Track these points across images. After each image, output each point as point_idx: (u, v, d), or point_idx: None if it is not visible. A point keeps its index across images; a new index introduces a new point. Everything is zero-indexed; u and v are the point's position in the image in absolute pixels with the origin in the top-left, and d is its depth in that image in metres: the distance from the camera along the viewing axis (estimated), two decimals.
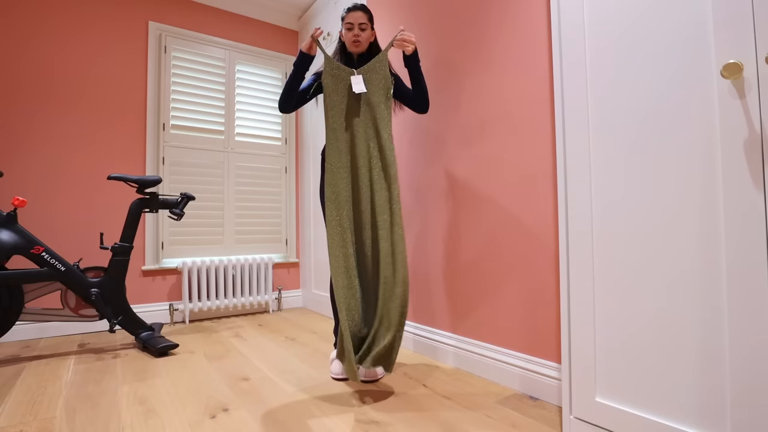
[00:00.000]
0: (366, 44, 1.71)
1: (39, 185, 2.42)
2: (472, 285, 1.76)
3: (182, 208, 2.22)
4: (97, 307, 2.03)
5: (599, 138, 1.11)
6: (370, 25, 1.71)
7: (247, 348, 2.14)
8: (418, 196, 2.07)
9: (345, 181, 1.61)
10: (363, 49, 1.71)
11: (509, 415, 1.33)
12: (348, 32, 1.69)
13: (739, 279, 0.84)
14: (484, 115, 1.71)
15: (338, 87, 1.62)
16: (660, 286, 0.98)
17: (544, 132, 1.48)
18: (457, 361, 1.79)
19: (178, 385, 1.62)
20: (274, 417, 1.33)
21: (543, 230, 1.48)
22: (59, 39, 2.50)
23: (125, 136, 2.68)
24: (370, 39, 1.73)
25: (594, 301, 1.11)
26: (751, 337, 0.83)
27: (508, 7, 1.61)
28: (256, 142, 3.17)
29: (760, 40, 0.82)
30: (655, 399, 0.98)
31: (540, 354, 1.48)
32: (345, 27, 1.70)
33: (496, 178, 1.66)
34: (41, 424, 1.29)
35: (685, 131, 0.94)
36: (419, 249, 2.06)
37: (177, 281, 2.82)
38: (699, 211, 0.91)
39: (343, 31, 1.72)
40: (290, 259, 3.29)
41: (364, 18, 1.68)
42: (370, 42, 1.75)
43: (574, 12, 1.17)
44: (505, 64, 1.62)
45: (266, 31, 3.28)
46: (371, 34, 1.73)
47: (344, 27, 1.70)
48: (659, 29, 0.99)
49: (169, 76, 2.82)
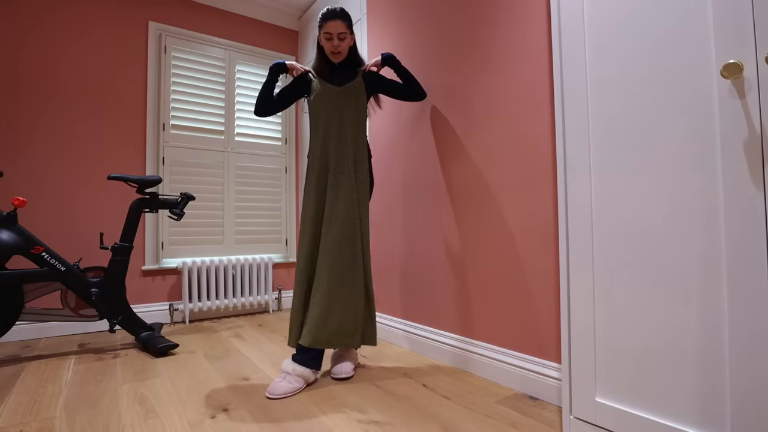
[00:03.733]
0: (346, 53, 1.72)
1: (39, 185, 2.42)
2: (472, 284, 1.76)
3: (182, 208, 2.22)
4: (97, 307, 2.03)
5: (599, 138, 1.11)
6: (350, 31, 1.69)
7: (247, 348, 2.14)
8: (416, 194, 2.07)
9: None
10: (343, 58, 1.73)
11: (509, 415, 1.33)
12: (327, 42, 1.68)
13: (740, 278, 0.84)
14: (484, 113, 1.71)
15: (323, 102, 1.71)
16: (660, 285, 0.98)
17: (543, 130, 1.48)
18: (456, 361, 1.79)
19: (178, 385, 1.62)
20: (274, 417, 1.33)
21: (543, 229, 1.48)
22: (59, 39, 2.50)
23: (125, 136, 2.68)
24: (351, 44, 1.74)
25: (594, 301, 1.11)
26: (751, 336, 0.83)
27: (509, 8, 1.61)
28: (256, 142, 3.17)
29: (760, 40, 0.82)
30: (655, 399, 0.98)
31: (540, 354, 1.48)
32: (323, 36, 1.68)
33: (495, 175, 1.66)
34: (41, 424, 1.29)
35: (685, 131, 0.94)
36: (417, 248, 2.06)
37: (177, 281, 2.82)
38: (699, 211, 0.91)
39: (321, 37, 1.70)
40: (290, 259, 3.29)
41: (343, 26, 1.65)
42: (350, 46, 1.75)
43: (573, 12, 1.17)
44: (504, 63, 1.62)
45: (266, 31, 3.28)
46: (351, 39, 1.73)
47: (323, 35, 1.68)
48: (659, 29, 0.99)
49: (169, 76, 2.82)
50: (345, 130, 1.69)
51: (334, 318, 1.58)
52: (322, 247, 1.64)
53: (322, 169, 1.69)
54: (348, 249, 1.63)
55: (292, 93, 1.80)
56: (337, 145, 1.68)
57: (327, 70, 1.75)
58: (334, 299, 1.59)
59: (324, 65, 1.76)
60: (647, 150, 1.01)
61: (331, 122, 1.69)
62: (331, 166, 1.68)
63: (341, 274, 1.61)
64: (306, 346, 1.56)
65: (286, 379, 1.52)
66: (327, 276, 1.60)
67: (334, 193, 1.66)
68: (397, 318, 2.20)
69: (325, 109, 1.69)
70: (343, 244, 1.63)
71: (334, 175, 1.67)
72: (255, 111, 1.79)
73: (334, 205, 1.65)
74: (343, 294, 1.60)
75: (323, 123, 1.70)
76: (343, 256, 1.62)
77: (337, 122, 1.69)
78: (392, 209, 2.24)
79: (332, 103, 1.69)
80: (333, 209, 1.65)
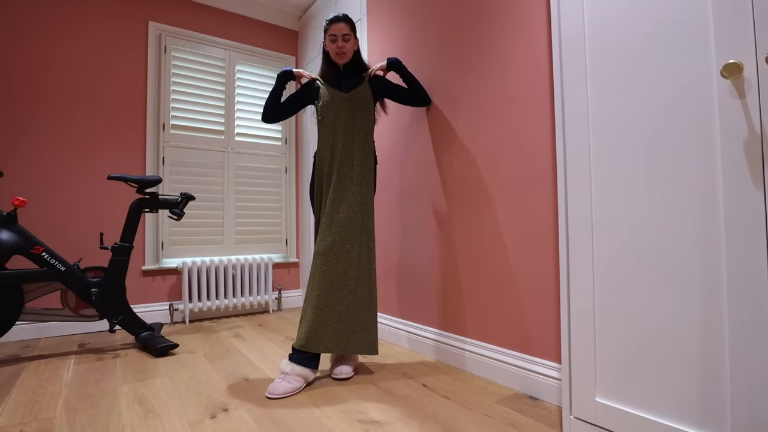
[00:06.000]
0: (350, 54, 1.77)
1: (39, 185, 2.42)
2: (472, 284, 1.76)
3: (182, 208, 2.22)
4: (97, 307, 2.03)
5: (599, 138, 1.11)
6: (353, 34, 1.76)
7: (247, 348, 2.14)
8: (416, 195, 2.07)
9: None
10: (348, 59, 1.77)
11: (509, 415, 1.33)
12: (332, 44, 1.74)
13: (740, 278, 0.84)
14: (484, 114, 1.71)
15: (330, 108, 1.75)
16: (660, 285, 0.98)
17: (544, 130, 1.48)
18: (456, 361, 1.79)
19: (178, 385, 1.62)
20: (274, 417, 1.33)
21: (543, 229, 1.48)
22: (59, 39, 2.50)
23: (125, 136, 2.68)
24: (355, 48, 1.79)
25: (594, 301, 1.11)
26: (751, 336, 0.83)
27: (508, 8, 1.61)
28: (256, 142, 3.17)
29: (760, 40, 0.82)
30: (655, 399, 0.98)
31: (540, 354, 1.48)
32: (329, 38, 1.75)
33: (495, 175, 1.66)
34: (41, 424, 1.29)
35: (684, 131, 0.94)
36: (417, 248, 2.06)
37: (177, 281, 2.82)
38: (699, 211, 0.91)
39: (326, 41, 1.76)
40: (290, 259, 3.29)
41: (347, 29, 1.73)
42: (354, 50, 1.80)
43: (573, 12, 1.17)
44: (504, 63, 1.62)
45: (266, 31, 3.28)
46: (355, 43, 1.78)
47: (328, 38, 1.75)
48: (659, 29, 0.99)
49: (169, 76, 2.82)
50: (352, 136, 1.73)
51: (328, 322, 1.60)
52: (323, 249, 1.64)
53: (328, 173, 1.72)
54: (347, 253, 1.64)
55: (299, 100, 1.85)
56: (343, 149, 1.71)
57: (333, 76, 1.80)
58: (330, 303, 1.60)
59: (331, 70, 1.81)
60: (647, 150, 1.01)
61: (338, 127, 1.73)
62: (336, 170, 1.70)
63: (338, 278, 1.62)
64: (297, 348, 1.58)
65: (286, 379, 1.53)
66: (325, 280, 1.62)
67: (338, 196, 1.68)
68: (396, 318, 2.20)
69: (332, 115, 1.74)
70: (343, 248, 1.64)
71: (339, 178, 1.70)
72: (262, 117, 1.84)
73: (336, 209, 1.67)
74: (338, 298, 1.62)
75: (331, 128, 1.74)
76: (341, 260, 1.63)
77: (344, 127, 1.72)
78: (392, 210, 2.24)
79: (340, 108, 1.73)
80: (335, 212, 1.67)
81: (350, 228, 1.66)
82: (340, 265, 1.63)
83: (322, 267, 1.63)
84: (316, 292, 1.60)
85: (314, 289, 1.62)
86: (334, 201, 1.68)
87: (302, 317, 1.64)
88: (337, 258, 1.63)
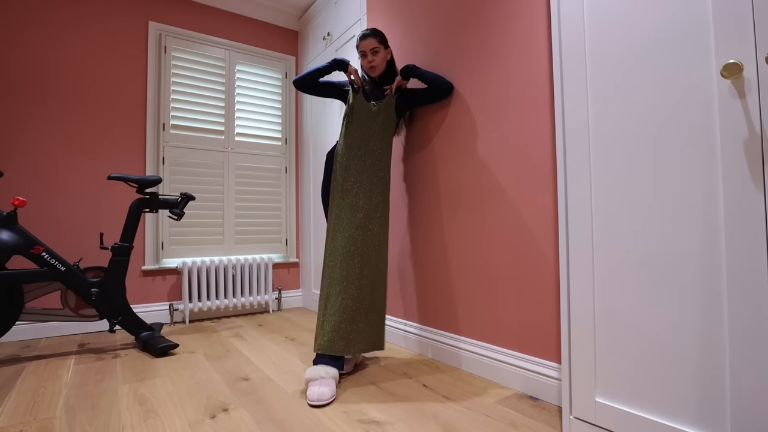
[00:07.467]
0: (383, 65, 1.85)
1: (39, 185, 2.42)
2: (472, 285, 1.76)
3: (182, 208, 2.22)
4: (97, 307, 2.03)
5: (599, 138, 1.11)
6: (383, 46, 1.83)
7: (247, 348, 2.14)
8: (416, 194, 2.07)
9: None
10: (380, 71, 1.86)
11: (509, 414, 1.33)
12: (363, 59, 1.84)
13: (739, 278, 0.84)
14: (485, 113, 1.71)
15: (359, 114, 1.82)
16: (660, 285, 0.98)
17: (544, 131, 1.48)
18: (457, 361, 1.79)
19: (178, 385, 1.62)
20: (274, 417, 1.33)
21: (543, 230, 1.48)
22: (59, 39, 2.50)
23: (125, 136, 2.68)
24: (387, 58, 1.86)
25: (594, 301, 1.11)
26: (751, 336, 0.83)
27: (508, 8, 1.61)
28: (256, 142, 3.17)
29: (760, 40, 0.82)
30: (655, 399, 0.98)
31: (540, 354, 1.48)
32: (360, 55, 1.84)
33: (495, 175, 1.66)
34: (41, 424, 1.29)
35: (684, 131, 0.94)
36: (417, 248, 2.06)
37: (177, 281, 2.82)
38: (699, 211, 0.91)
39: (360, 58, 1.86)
40: (290, 259, 3.29)
41: (375, 42, 1.81)
42: (387, 60, 1.87)
43: (573, 12, 1.17)
44: (505, 63, 1.62)
45: (266, 31, 3.28)
46: (386, 53, 1.86)
47: (360, 55, 1.85)
48: (659, 29, 0.99)
49: (169, 76, 2.82)
50: (370, 145, 1.78)
51: (349, 324, 1.62)
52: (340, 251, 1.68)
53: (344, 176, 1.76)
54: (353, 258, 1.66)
55: (333, 90, 1.94)
56: (362, 156, 1.76)
57: (370, 86, 1.90)
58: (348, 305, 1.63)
59: (368, 82, 1.91)
60: (647, 150, 1.01)
61: (356, 134, 1.79)
62: (353, 176, 1.75)
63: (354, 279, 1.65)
64: None
65: (324, 383, 1.48)
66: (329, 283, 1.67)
67: (352, 201, 1.72)
68: (397, 318, 2.20)
69: (354, 122, 1.81)
70: (351, 253, 1.66)
71: (355, 183, 1.74)
72: (294, 81, 1.91)
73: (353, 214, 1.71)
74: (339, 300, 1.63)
75: (351, 133, 1.80)
76: (355, 263, 1.66)
77: (364, 135, 1.78)
78: (392, 210, 2.24)
79: (362, 118, 1.80)
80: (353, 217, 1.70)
81: (358, 233, 1.68)
82: (355, 268, 1.65)
83: (339, 270, 1.65)
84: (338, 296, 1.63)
85: (333, 293, 1.64)
86: (350, 206, 1.72)
87: (323, 320, 1.64)
88: (354, 260, 1.66)
